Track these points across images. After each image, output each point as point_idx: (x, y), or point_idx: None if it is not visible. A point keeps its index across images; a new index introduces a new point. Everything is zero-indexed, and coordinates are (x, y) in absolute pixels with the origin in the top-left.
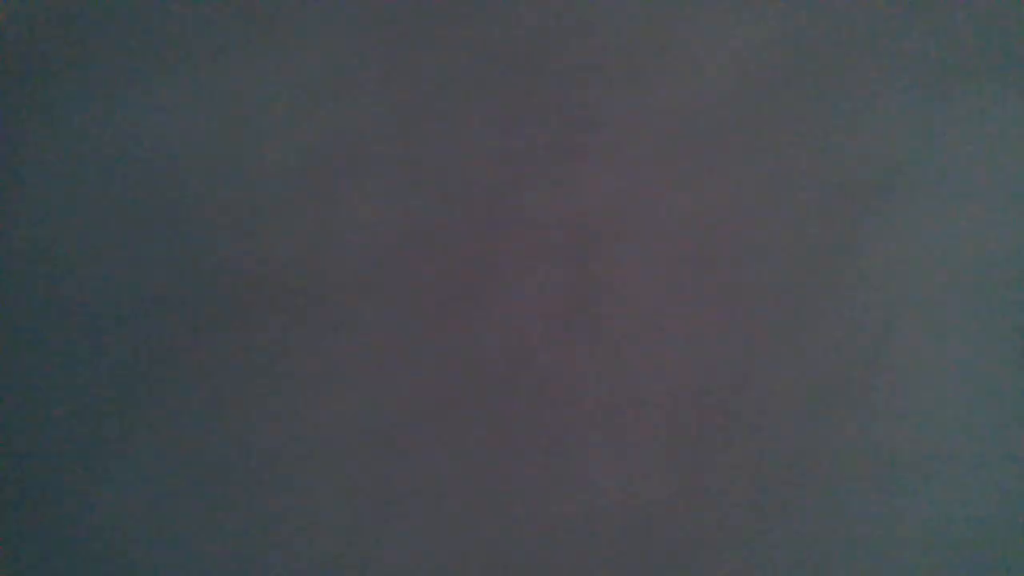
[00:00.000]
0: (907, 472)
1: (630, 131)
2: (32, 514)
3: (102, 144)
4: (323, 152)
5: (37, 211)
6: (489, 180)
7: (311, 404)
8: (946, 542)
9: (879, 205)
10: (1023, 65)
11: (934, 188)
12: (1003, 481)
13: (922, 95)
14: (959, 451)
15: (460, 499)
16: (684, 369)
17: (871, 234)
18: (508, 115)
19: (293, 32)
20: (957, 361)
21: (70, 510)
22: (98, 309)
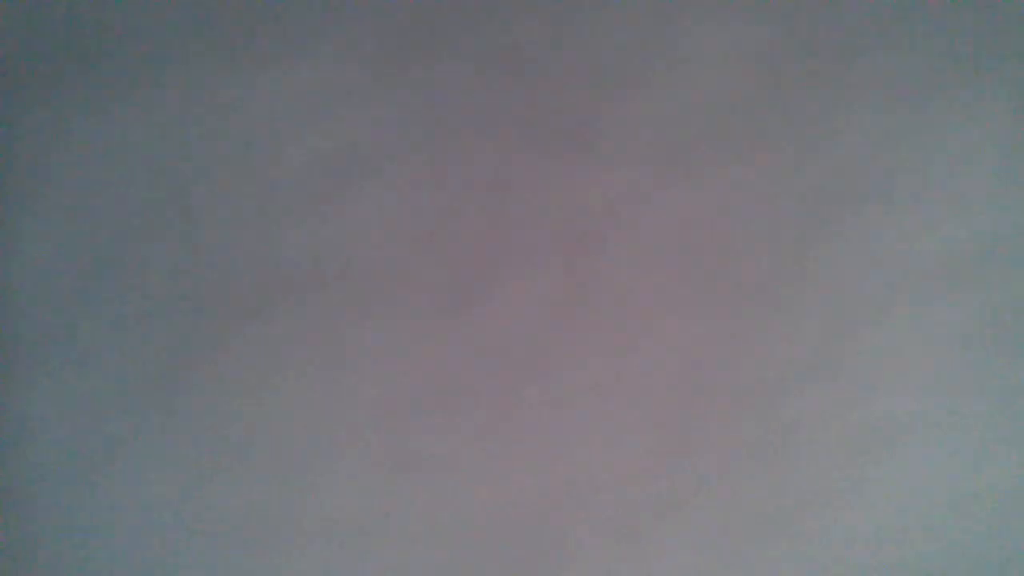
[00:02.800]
0: (876, 439)
1: (624, 136)
2: (64, 506)
3: (125, 148)
4: (335, 155)
5: (66, 215)
6: (493, 180)
7: (334, 383)
8: (911, 501)
9: (856, 204)
10: (991, 81)
11: (904, 189)
12: (965, 446)
13: (898, 106)
14: (923, 421)
15: (466, 463)
16: (668, 352)
17: (848, 230)
18: (511, 119)
19: (305, 41)
20: (924, 343)
21: (101, 499)
22: (124, 308)
